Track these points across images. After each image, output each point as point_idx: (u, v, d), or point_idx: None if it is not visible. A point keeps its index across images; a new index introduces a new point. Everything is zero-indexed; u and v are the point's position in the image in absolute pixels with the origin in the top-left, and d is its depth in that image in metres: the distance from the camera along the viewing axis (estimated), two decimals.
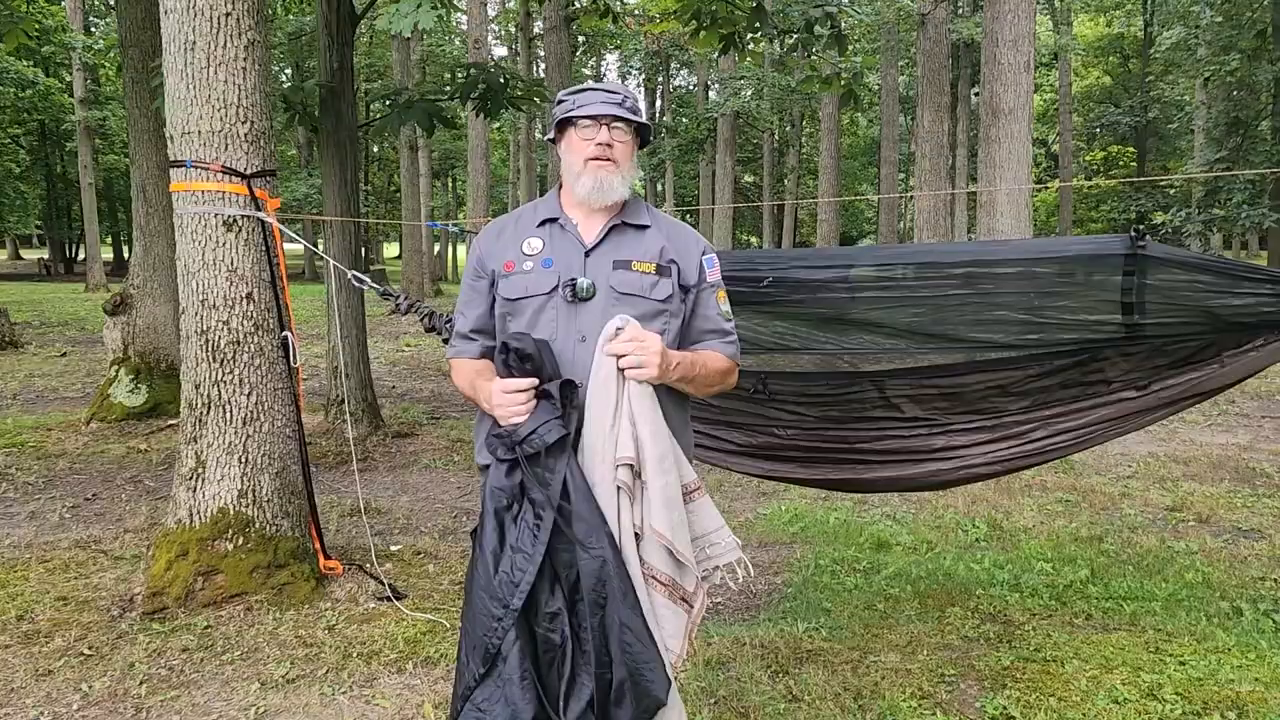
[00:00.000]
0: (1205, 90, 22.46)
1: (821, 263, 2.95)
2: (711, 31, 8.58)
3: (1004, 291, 2.71)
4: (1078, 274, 2.65)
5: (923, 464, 2.95)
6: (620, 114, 2.32)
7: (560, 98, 2.44)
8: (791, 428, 3.16)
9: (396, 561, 4.92)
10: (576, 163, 2.33)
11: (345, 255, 7.38)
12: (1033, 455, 2.86)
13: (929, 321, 2.82)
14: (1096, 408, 2.77)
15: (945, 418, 3.01)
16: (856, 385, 3.19)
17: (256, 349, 4.17)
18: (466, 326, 2.41)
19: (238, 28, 4.04)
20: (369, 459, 7.31)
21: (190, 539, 4.11)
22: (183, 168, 4.07)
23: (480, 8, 19.24)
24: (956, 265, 2.72)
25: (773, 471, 3.16)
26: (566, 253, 2.32)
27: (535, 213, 2.42)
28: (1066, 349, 2.81)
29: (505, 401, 2.12)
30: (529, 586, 2.06)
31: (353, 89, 7.34)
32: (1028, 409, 2.86)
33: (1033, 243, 2.91)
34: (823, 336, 2.98)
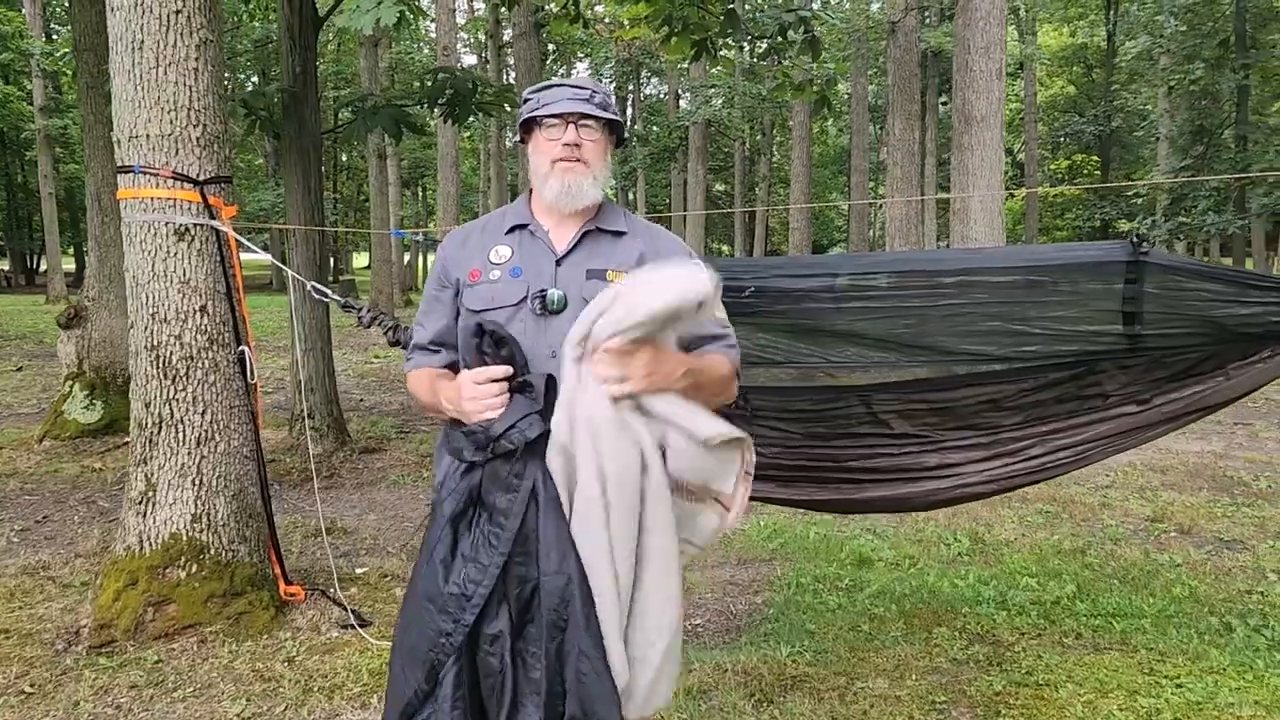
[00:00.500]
0: (1168, 99, 22.70)
1: (805, 271, 2.80)
2: (683, 38, 8.45)
3: (998, 301, 2.58)
4: (1077, 282, 2.52)
5: (916, 483, 2.81)
6: (588, 110, 2.16)
7: (525, 96, 2.28)
8: (775, 445, 3.00)
9: (362, 585, 4.72)
10: (543, 165, 2.18)
11: (309, 265, 7.16)
12: (1032, 473, 2.73)
13: (918, 333, 2.68)
14: (1095, 423, 2.64)
15: (937, 434, 2.87)
16: (842, 400, 3.04)
17: (211, 364, 3.96)
18: (426, 337, 2.24)
19: (189, 25, 3.85)
20: (334, 476, 7.08)
21: (140, 567, 3.89)
22: (131, 173, 3.87)
23: (449, 15, 19.04)
24: (948, 274, 2.58)
25: (756, 491, 2.99)
26: (536, 261, 2.15)
27: (504, 219, 2.26)
28: (1062, 362, 2.69)
29: (477, 393, 1.92)
30: (483, 601, 1.88)
31: (316, 94, 7.13)
32: (1022, 424, 2.73)
33: (1028, 250, 2.79)
34: (807, 349, 2.83)
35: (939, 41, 18.68)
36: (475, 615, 1.85)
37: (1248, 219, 19.37)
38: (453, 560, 1.91)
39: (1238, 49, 19.22)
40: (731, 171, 37.54)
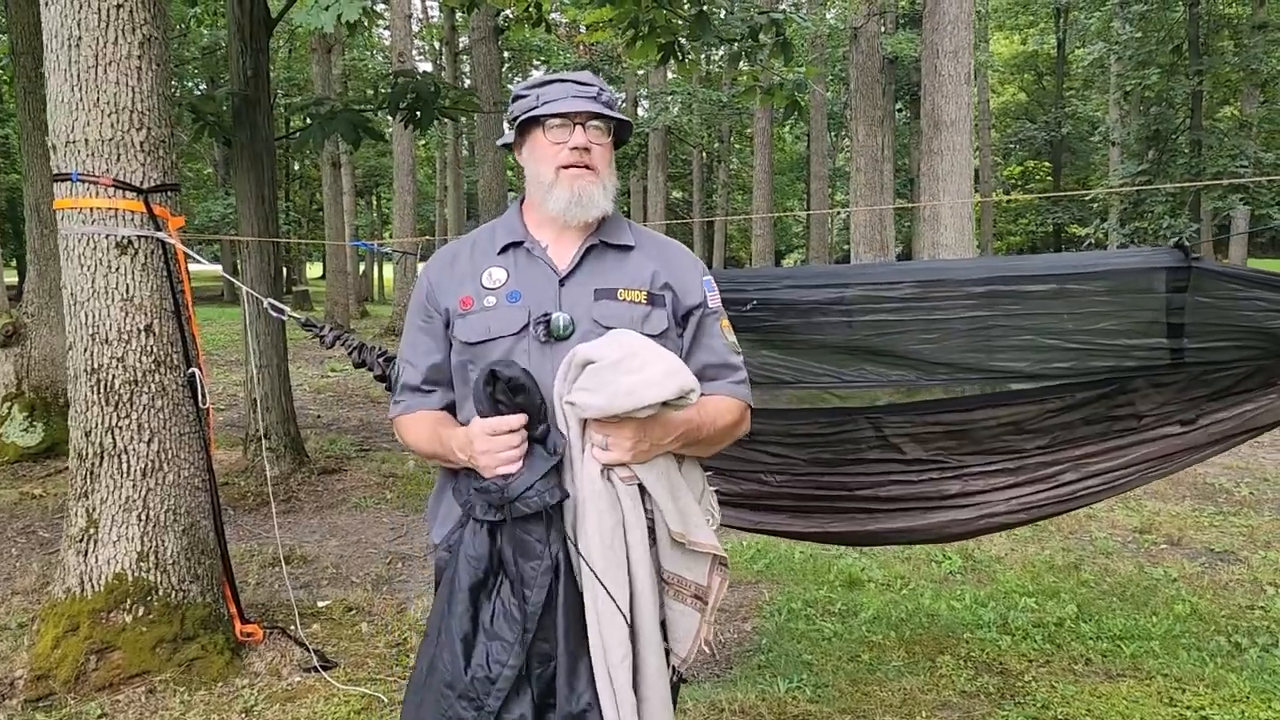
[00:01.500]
0: (1119, 106, 22.96)
1: (814, 282, 2.57)
2: (649, 41, 8.22)
3: (1032, 313, 2.37)
4: (1118, 292, 2.32)
5: (935, 513, 2.60)
6: (597, 109, 1.91)
7: (519, 92, 2.00)
8: (781, 473, 2.77)
9: (325, 621, 4.40)
10: (546, 172, 1.91)
11: (264, 277, 6.81)
12: (1064, 501, 2.53)
13: (941, 349, 2.47)
14: (1135, 446, 2.45)
15: (953, 459, 2.66)
16: (850, 423, 2.82)
17: (158, 388, 3.64)
18: (418, 377, 1.96)
19: (130, 21, 3.53)
20: (293, 499, 6.73)
21: (81, 611, 3.55)
22: (68, 181, 3.54)
23: (404, 20, 18.67)
24: (976, 283, 2.37)
25: (762, 524, 2.77)
26: (536, 283, 1.89)
27: (494, 237, 1.99)
28: (1091, 380, 2.49)
29: (492, 446, 1.70)
30: (509, 685, 1.65)
31: (269, 98, 6.79)
32: (1050, 448, 2.53)
33: (1065, 257, 2.58)
34: (818, 367, 2.60)
35: (899, 48, 18.69)
36: (500, 703, 1.61)
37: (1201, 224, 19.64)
38: (475, 638, 1.66)
39: (1191, 55, 19.47)
40: (690, 179, 37.44)
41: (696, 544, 1.84)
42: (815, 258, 26.24)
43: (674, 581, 1.84)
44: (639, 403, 1.71)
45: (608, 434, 1.74)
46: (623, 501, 1.77)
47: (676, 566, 1.84)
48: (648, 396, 1.71)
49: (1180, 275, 2.26)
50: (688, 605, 1.87)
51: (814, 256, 26.40)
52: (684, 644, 1.87)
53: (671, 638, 1.85)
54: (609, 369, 1.73)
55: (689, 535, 1.83)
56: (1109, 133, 22.33)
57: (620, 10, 8.02)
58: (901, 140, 28.91)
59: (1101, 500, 2.75)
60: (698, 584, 1.87)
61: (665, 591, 1.84)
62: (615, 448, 1.74)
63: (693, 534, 1.84)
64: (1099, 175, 31.45)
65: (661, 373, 1.75)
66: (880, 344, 2.51)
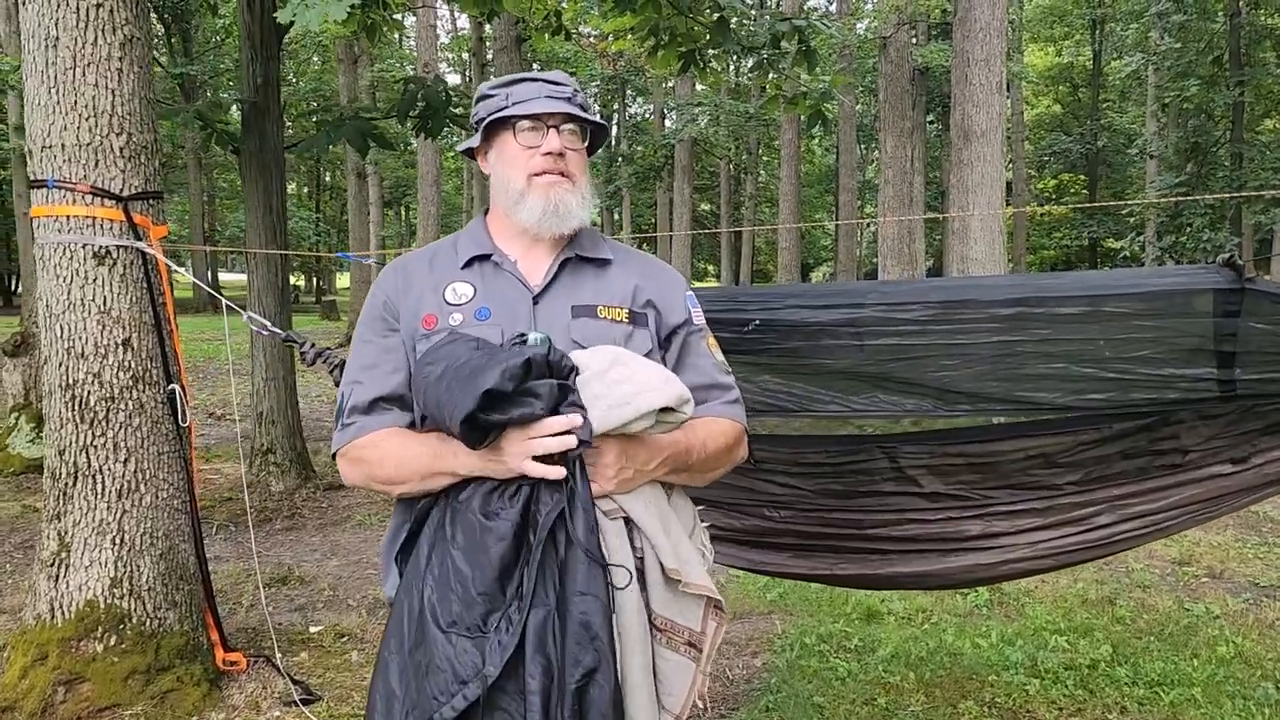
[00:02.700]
0: (1157, 118, 22.48)
1: (822, 301, 2.34)
2: (670, 50, 8.04)
3: (1065, 338, 2.12)
4: (1161, 316, 2.07)
5: (955, 556, 2.35)
6: (571, 111, 1.72)
7: (484, 91, 1.80)
8: (785, 507, 2.53)
9: (314, 648, 4.21)
10: (517, 180, 1.72)
11: (270, 288, 6.68)
12: (1097, 546, 2.27)
13: (963, 376, 2.23)
14: (1180, 486, 2.20)
15: (976, 494, 2.42)
16: (862, 452, 2.58)
17: (135, 406, 3.47)
18: (368, 395, 1.71)
19: (111, 21, 3.38)
20: (296, 516, 6.56)
21: (51, 639, 3.38)
22: (44, 188, 3.38)
23: (429, 30, 18.64)
24: (1002, 304, 2.13)
25: (764, 564, 2.54)
26: (508, 299, 1.70)
27: (456, 250, 1.79)
28: (1131, 411, 2.24)
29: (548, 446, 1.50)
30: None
31: (279, 106, 6.66)
32: (1084, 486, 2.28)
33: (1102, 275, 2.34)
34: (825, 395, 2.37)
35: (930, 58, 18.39)
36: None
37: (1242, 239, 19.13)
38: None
39: (1232, 66, 19.00)
40: (717, 191, 37.25)
41: (691, 585, 1.64)
42: (843, 271, 25.93)
43: (666, 627, 1.64)
44: (634, 413, 1.53)
45: (589, 461, 1.55)
46: (607, 540, 1.57)
47: (669, 611, 1.64)
48: (642, 404, 1.53)
49: (1232, 298, 2.01)
50: (681, 654, 1.66)
51: (842, 270, 26.08)
52: (678, 698, 1.66)
53: (663, 691, 1.65)
54: (595, 379, 1.55)
55: (683, 574, 1.63)
56: (1146, 145, 21.83)
57: (641, 18, 7.84)
58: (933, 152, 28.55)
59: (1139, 545, 2.49)
60: (691, 630, 1.67)
61: (656, 639, 1.63)
62: (597, 476, 1.55)
63: (687, 573, 1.63)
64: (1136, 189, 30.87)
65: (656, 378, 1.58)
66: (895, 370, 2.27)
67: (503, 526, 1.51)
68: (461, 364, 1.50)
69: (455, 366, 1.51)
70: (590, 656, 1.47)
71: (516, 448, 1.50)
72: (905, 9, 14.43)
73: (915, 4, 14.72)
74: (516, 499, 1.53)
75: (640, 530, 1.62)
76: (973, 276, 4.54)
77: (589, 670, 1.46)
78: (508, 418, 1.48)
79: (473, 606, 1.49)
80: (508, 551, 1.50)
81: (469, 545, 1.52)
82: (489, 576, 1.49)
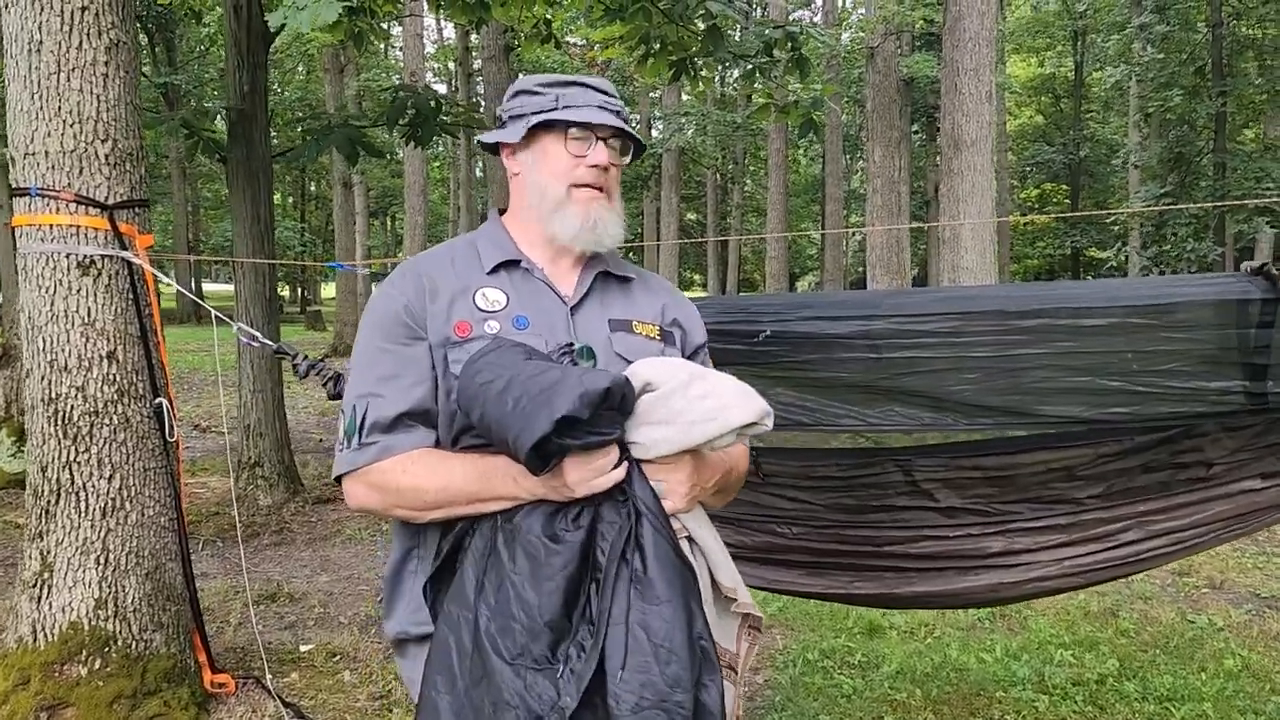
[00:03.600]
0: (1139, 128, 22.61)
1: (836, 312, 2.27)
2: (661, 58, 7.99)
3: (1090, 351, 2.06)
4: (1191, 328, 2.01)
5: (976, 574, 2.28)
6: (621, 126, 1.63)
7: (529, 88, 1.69)
8: (797, 523, 2.46)
9: (305, 668, 4.10)
10: (556, 188, 1.62)
11: (258, 298, 6.57)
12: (1125, 564, 2.21)
13: (983, 390, 2.15)
14: (1209, 502, 2.14)
15: (994, 508, 2.35)
16: (875, 465, 2.51)
17: (121, 420, 3.36)
18: (392, 409, 1.54)
19: (96, 25, 3.28)
20: (285, 530, 6.44)
21: (33, 663, 3.26)
22: (26, 196, 3.28)
23: (415, 39, 18.56)
24: (1025, 316, 2.06)
25: (776, 583, 2.46)
26: (543, 308, 1.61)
27: (479, 253, 1.67)
28: (1154, 424, 2.17)
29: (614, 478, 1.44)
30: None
31: (266, 114, 6.56)
32: (1107, 501, 2.21)
33: (1127, 285, 2.27)
34: (840, 408, 2.29)
35: (916, 69, 18.43)
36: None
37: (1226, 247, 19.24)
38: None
39: (1214, 76, 19.13)
40: (704, 201, 37.27)
41: (742, 605, 1.56)
42: (830, 280, 25.95)
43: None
44: (719, 428, 1.45)
45: (662, 478, 1.47)
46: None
47: (717, 634, 1.54)
48: (729, 420, 1.45)
49: (1266, 308, 1.95)
50: (724, 679, 1.58)
51: (829, 279, 26.11)
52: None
53: None
54: (676, 394, 1.46)
55: (738, 594, 1.56)
56: (1130, 155, 21.95)
57: (631, 26, 7.78)
58: (917, 162, 28.62)
59: (1168, 563, 2.43)
60: (730, 652, 1.60)
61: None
62: (670, 494, 1.48)
63: (741, 593, 1.57)
64: (1118, 198, 31.08)
65: (738, 393, 1.49)
66: (912, 383, 2.20)
67: (569, 550, 1.42)
68: (529, 379, 1.40)
69: (522, 381, 1.40)
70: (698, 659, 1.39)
71: (581, 473, 1.41)
72: (893, 19, 14.44)
73: (902, 14, 14.73)
74: (580, 520, 1.45)
75: (700, 549, 1.54)
76: (998, 287, 4.48)
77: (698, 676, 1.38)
78: (583, 443, 1.39)
79: (539, 637, 1.39)
80: (574, 575, 1.41)
81: (533, 571, 1.42)
82: (556, 603, 1.40)
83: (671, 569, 1.42)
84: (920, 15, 15.64)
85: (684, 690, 1.36)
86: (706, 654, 1.40)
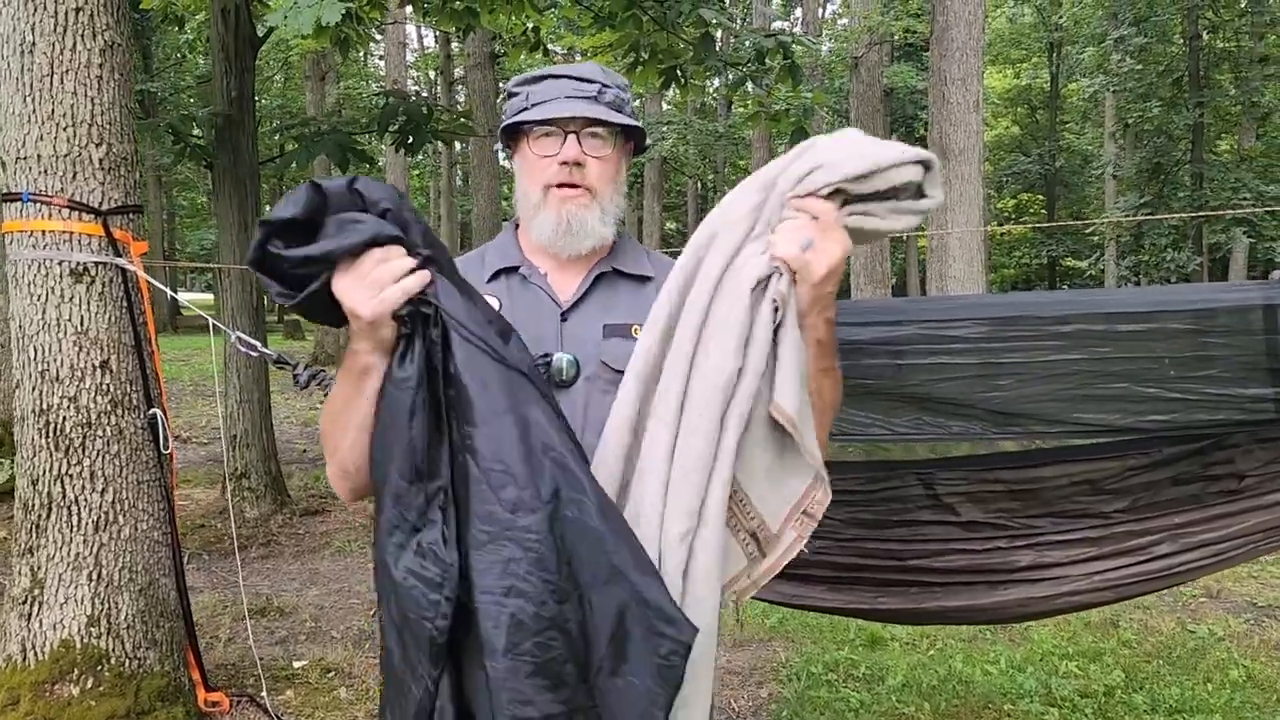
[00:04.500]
0: (1115, 139, 22.86)
1: (860, 319, 2.23)
2: (651, 66, 7.96)
3: (1127, 357, 2.03)
4: (1235, 333, 1.98)
5: (1004, 588, 2.25)
6: (596, 114, 1.54)
7: (510, 88, 1.65)
8: (817, 537, 2.40)
9: (299, 685, 4.01)
10: (532, 190, 1.57)
11: (245, 308, 6.47)
12: (1160, 577, 2.17)
13: (1016, 398, 2.12)
14: (1244, 514, 2.11)
15: (1017, 522, 2.31)
16: (895, 479, 2.46)
17: (114, 432, 3.27)
18: None
19: (91, 26, 3.20)
20: (272, 543, 6.33)
21: (23, 682, 3.16)
22: (18, 202, 3.19)
23: (399, 47, 18.47)
24: (1059, 321, 2.03)
25: (799, 598, 2.41)
26: (536, 317, 1.55)
27: (483, 262, 1.64)
28: (1183, 434, 2.15)
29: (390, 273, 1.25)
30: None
31: (253, 120, 6.47)
32: (1137, 514, 2.18)
33: (1165, 292, 2.25)
34: (865, 417, 2.25)
35: (897, 79, 18.54)
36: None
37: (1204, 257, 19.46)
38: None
39: (1191, 88, 19.37)
40: (684, 210, 37.30)
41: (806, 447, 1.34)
42: None
43: (735, 509, 1.35)
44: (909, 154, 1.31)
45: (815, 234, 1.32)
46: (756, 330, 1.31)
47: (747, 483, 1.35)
48: (889, 155, 1.31)
49: None
50: (737, 543, 1.37)
51: None
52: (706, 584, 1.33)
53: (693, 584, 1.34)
54: (844, 141, 1.35)
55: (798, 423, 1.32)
56: (1108, 166, 22.18)
57: (621, 34, 7.75)
58: None
59: (1203, 576, 2.41)
60: (763, 520, 1.37)
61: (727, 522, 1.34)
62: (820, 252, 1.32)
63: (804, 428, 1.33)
64: (1094, 209, 31.39)
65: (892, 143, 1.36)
66: (941, 391, 2.16)
67: (406, 393, 1.24)
68: None
69: None
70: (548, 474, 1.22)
71: (359, 291, 1.23)
72: (877, 30, 14.51)
73: (886, 25, 14.80)
74: (410, 356, 1.25)
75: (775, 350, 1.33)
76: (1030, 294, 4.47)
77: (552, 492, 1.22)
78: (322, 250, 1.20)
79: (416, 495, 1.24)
80: (429, 419, 1.24)
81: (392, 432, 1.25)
82: (413, 462, 1.24)
83: (491, 379, 1.25)
84: (903, 25, 15.73)
85: (528, 512, 1.21)
86: (563, 467, 1.23)
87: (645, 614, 1.22)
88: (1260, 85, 18.77)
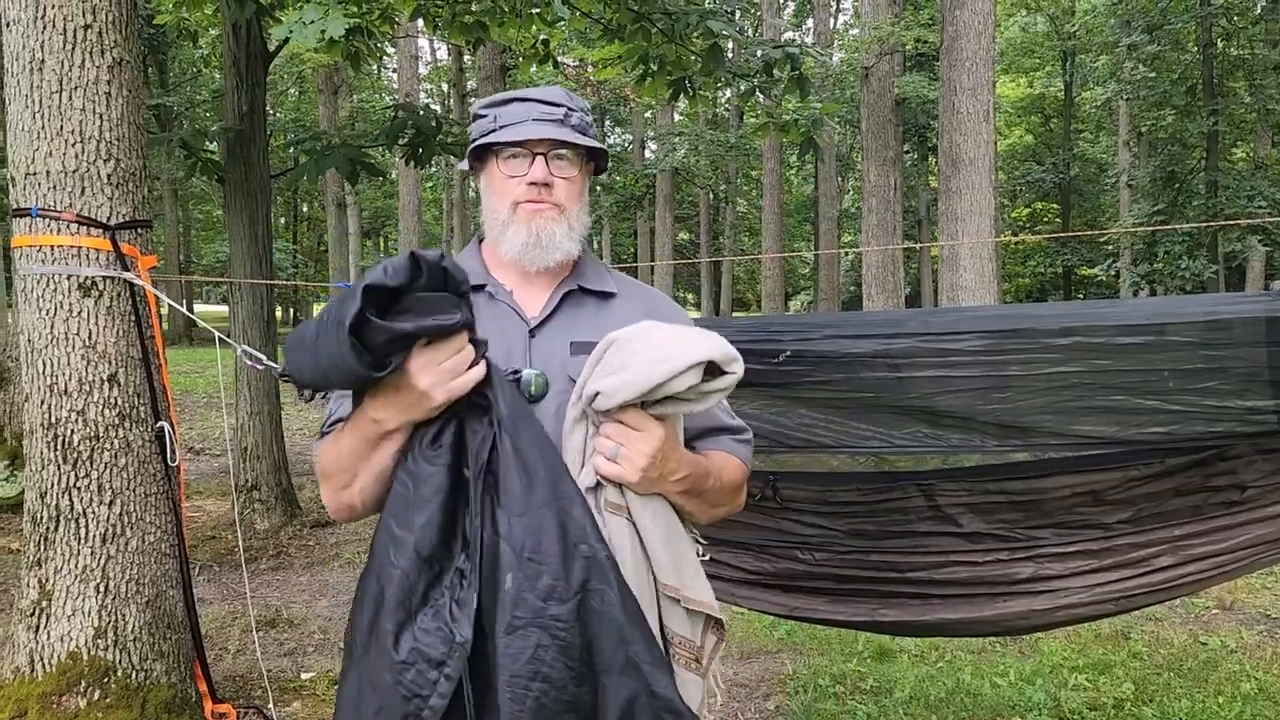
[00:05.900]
0: (1129, 147, 22.75)
1: (859, 331, 2.23)
2: (659, 78, 7.99)
3: (1128, 369, 2.02)
4: (1239, 345, 1.97)
5: (1005, 600, 2.23)
6: (563, 136, 1.59)
7: (478, 110, 1.69)
8: (818, 549, 2.40)
9: (307, 697, 4.02)
10: (501, 208, 1.61)
11: (256, 320, 6.51)
12: (1161, 589, 2.16)
13: (1015, 410, 2.11)
14: (1246, 526, 2.09)
15: (1019, 533, 2.30)
16: (896, 490, 2.46)
17: (122, 445, 3.30)
18: (350, 407, 1.52)
19: (99, 44, 3.24)
20: (282, 555, 6.35)
21: (30, 694, 3.18)
22: (27, 217, 3.23)
23: (411, 60, 18.60)
24: (1059, 334, 2.03)
25: (798, 610, 2.40)
26: (503, 333, 1.57)
27: None
28: (1185, 445, 2.13)
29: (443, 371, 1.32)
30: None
31: (265, 134, 6.53)
32: (1138, 526, 2.16)
33: (1166, 304, 2.24)
34: (865, 430, 2.25)
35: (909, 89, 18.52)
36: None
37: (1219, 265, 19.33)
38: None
39: (1205, 96, 19.28)
40: (696, 220, 37.33)
41: (694, 602, 1.50)
42: (824, 299, 25.95)
43: (676, 643, 1.50)
44: (680, 364, 1.36)
45: (621, 441, 1.41)
46: (611, 539, 1.41)
47: (680, 626, 1.51)
48: (691, 353, 1.37)
49: None
50: (690, 671, 1.52)
51: (822, 299, 26.11)
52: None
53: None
54: (637, 340, 1.42)
55: (683, 590, 1.48)
56: (1122, 174, 22.07)
57: (630, 46, 7.78)
58: (909, 182, 28.74)
59: (1205, 588, 2.39)
60: (693, 643, 1.54)
61: (673, 658, 1.49)
62: (626, 461, 1.41)
63: (689, 588, 1.49)
64: (1108, 217, 31.23)
65: (701, 333, 1.43)
66: (941, 403, 2.16)
67: (436, 475, 1.31)
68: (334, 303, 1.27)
69: (329, 310, 1.29)
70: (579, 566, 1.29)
71: (431, 375, 1.31)
72: (888, 40, 14.51)
73: (896, 34, 14.81)
74: (442, 440, 1.32)
75: (643, 540, 1.46)
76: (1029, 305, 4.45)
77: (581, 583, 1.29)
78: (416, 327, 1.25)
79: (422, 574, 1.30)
80: (447, 501, 1.30)
81: (404, 507, 1.32)
82: (432, 535, 1.30)
83: (535, 473, 1.31)
84: (914, 35, 15.72)
85: (559, 602, 1.28)
86: (593, 560, 1.31)
87: (654, 705, 1.33)
88: (1275, 93, 18.65)
